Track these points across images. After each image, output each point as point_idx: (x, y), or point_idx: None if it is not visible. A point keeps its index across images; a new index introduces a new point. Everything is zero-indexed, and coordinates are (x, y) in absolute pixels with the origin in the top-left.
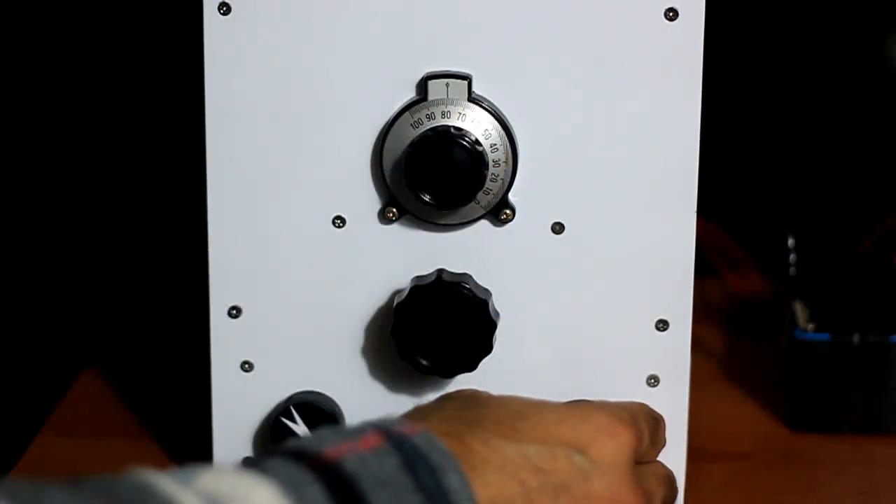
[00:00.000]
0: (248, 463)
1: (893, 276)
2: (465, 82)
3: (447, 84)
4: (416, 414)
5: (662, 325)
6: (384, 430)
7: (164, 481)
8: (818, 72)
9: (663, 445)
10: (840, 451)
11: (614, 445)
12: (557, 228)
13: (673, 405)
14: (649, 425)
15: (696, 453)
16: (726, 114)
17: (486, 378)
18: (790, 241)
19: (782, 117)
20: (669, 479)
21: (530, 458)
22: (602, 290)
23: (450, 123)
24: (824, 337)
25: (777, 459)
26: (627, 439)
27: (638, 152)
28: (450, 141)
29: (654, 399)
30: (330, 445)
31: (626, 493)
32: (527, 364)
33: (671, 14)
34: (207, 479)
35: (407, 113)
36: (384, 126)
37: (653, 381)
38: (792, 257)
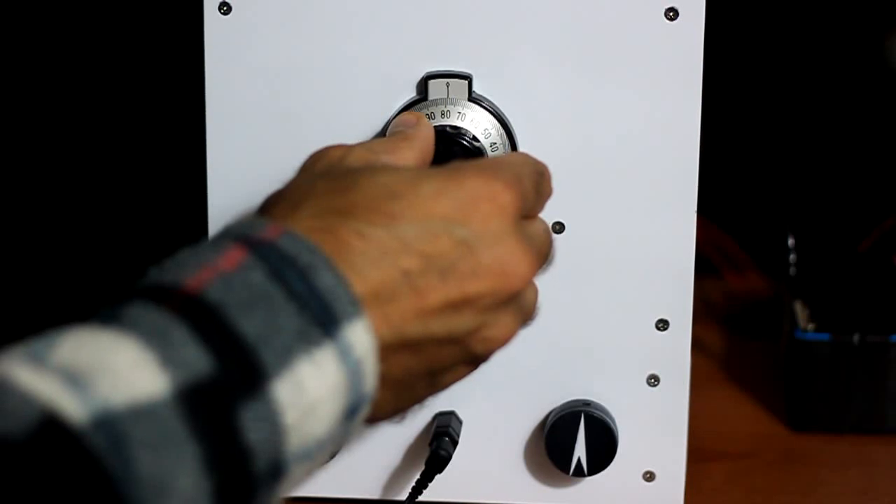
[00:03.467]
0: (108, 313)
1: (893, 276)
2: (466, 82)
3: (447, 84)
4: (283, 203)
5: (662, 325)
6: (246, 238)
7: (18, 367)
8: (818, 72)
9: (549, 197)
10: (840, 451)
11: (497, 210)
12: (557, 228)
13: (673, 405)
14: (533, 180)
15: (696, 453)
16: (726, 114)
17: (486, 378)
18: (790, 241)
19: (782, 117)
20: (550, 233)
21: (409, 242)
22: (602, 290)
23: (449, 123)
24: (824, 337)
25: (777, 459)
26: (510, 201)
27: (638, 152)
28: (449, 140)
29: (654, 399)
30: (190, 274)
31: (516, 260)
32: (527, 364)
33: (671, 14)
34: (65, 349)
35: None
36: (384, 126)
37: (653, 381)
38: (792, 257)
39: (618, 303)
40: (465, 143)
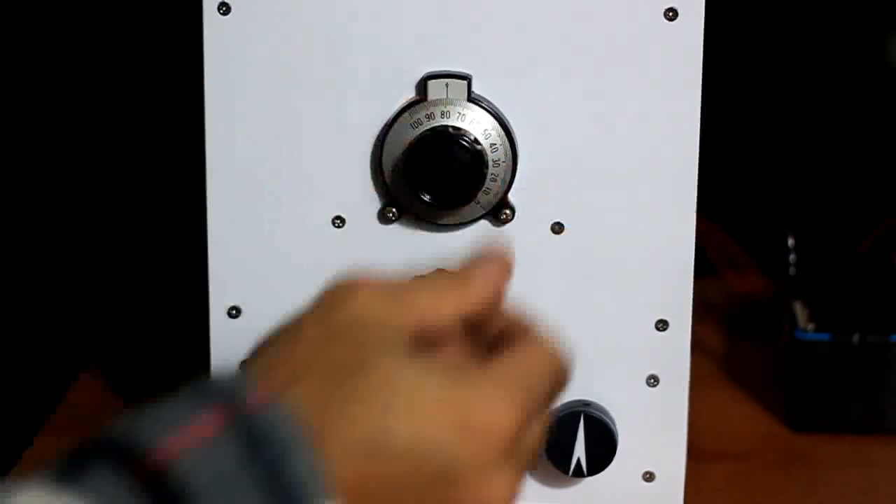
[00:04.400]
0: (70, 469)
1: (893, 276)
2: (465, 82)
3: (447, 84)
4: (282, 369)
5: (662, 325)
6: (230, 403)
7: None
8: (818, 72)
9: (561, 393)
10: (840, 451)
11: (493, 442)
12: (557, 228)
13: (673, 405)
14: (547, 389)
15: (696, 453)
16: (726, 114)
17: None
18: (790, 241)
19: (782, 118)
20: (540, 434)
21: (398, 446)
22: (602, 290)
23: (449, 123)
24: (824, 337)
25: (777, 459)
26: (511, 427)
27: (638, 152)
28: (449, 141)
29: (653, 399)
30: (164, 438)
31: (498, 482)
32: None
33: (671, 14)
34: None
35: (406, 113)
36: (384, 126)
37: (653, 381)
38: (792, 257)
39: (618, 303)
40: (465, 144)
